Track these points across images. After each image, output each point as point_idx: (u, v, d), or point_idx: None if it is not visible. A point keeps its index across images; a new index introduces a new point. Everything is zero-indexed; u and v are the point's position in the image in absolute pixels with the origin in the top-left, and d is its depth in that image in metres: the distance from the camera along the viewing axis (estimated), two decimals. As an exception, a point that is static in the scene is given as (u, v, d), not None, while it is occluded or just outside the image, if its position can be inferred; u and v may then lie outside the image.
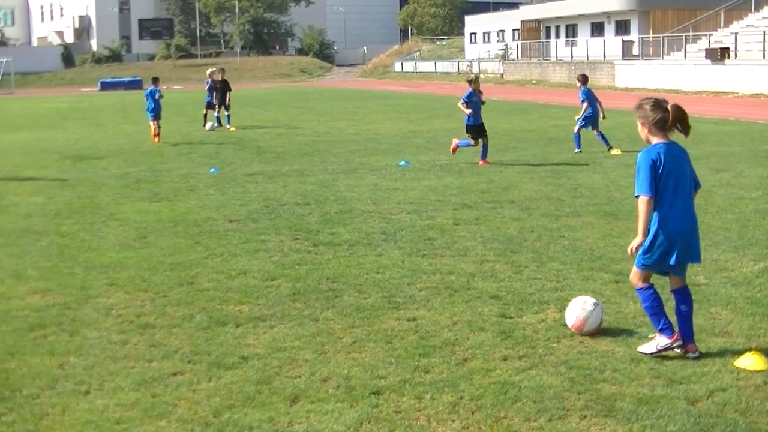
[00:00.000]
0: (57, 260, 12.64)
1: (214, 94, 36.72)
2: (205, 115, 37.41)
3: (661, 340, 8.27)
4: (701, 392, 7.42)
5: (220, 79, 36.42)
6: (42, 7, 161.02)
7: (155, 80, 33.64)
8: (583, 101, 24.99)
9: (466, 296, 10.40)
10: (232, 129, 35.62)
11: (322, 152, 26.76)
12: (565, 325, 9.16)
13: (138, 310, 10.06)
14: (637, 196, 8.21)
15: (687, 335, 8.27)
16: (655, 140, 8.24)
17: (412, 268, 11.79)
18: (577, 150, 24.91)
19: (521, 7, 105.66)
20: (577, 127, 25.30)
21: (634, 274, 8.42)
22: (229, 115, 36.07)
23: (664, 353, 8.21)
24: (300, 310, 9.97)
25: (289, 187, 19.37)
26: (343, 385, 7.68)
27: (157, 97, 32.28)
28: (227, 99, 36.31)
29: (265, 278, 11.41)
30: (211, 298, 10.49)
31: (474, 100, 23.34)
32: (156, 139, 31.48)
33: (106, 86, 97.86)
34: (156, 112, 31.99)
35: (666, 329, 8.24)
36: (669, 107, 8.20)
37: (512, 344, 8.67)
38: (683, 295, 8.36)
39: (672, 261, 8.18)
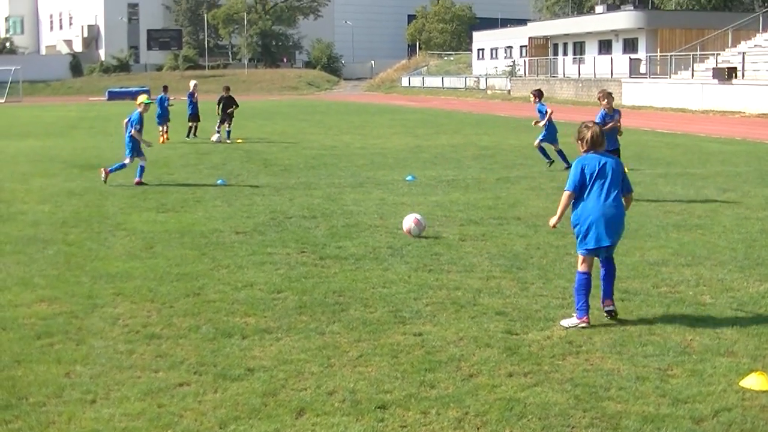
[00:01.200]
0: (64, 269, 12.66)
1: (217, 108, 36.24)
2: (190, 127, 37.58)
3: (574, 320, 9.92)
4: (706, 412, 7.43)
5: (226, 95, 36.35)
6: (51, 16, 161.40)
7: (165, 88, 37.40)
8: (542, 115, 25.24)
9: (472, 312, 10.41)
10: (240, 141, 35.66)
11: (329, 166, 26.78)
12: (570, 342, 9.19)
13: (144, 320, 10.08)
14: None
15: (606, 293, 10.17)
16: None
17: (419, 283, 11.80)
18: (547, 161, 25.25)
19: (529, 24, 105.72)
20: (537, 141, 25.63)
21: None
22: (229, 131, 35.95)
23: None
24: (306, 323, 9.99)
25: (296, 200, 19.38)
26: (349, 398, 7.69)
27: (166, 104, 35.65)
28: (232, 114, 36.18)
29: (271, 291, 11.42)
30: (218, 310, 10.51)
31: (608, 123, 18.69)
32: (161, 140, 34.92)
33: (113, 96, 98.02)
34: (163, 118, 35.58)
35: (581, 310, 9.87)
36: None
37: (518, 361, 8.68)
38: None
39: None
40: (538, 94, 25.63)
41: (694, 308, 10.57)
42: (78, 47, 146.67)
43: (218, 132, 35.81)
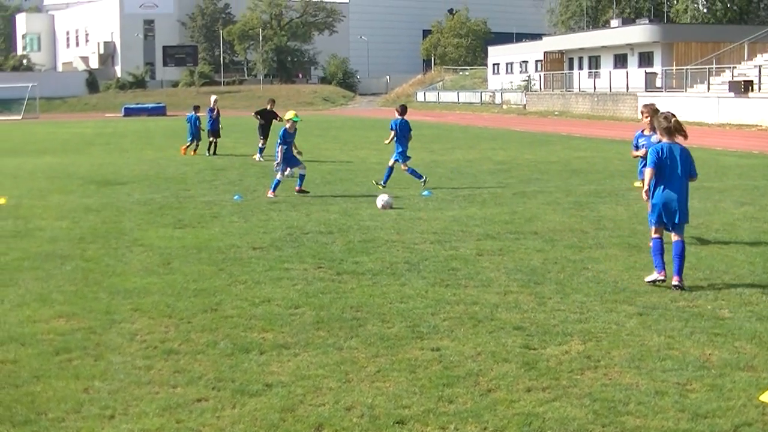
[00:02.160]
0: (82, 285, 12.68)
1: (262, 126, 35.83)
2: (210, 143, 37.67)
3: (655, 275, 12.34)
4: (726, 427, 7.38)
5: (269, 108, 36.15)
6: (68, 33, 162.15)
7: (196, 108, 39.26)
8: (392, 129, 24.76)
9: (490, 327, 10.39)
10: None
11: (345, 181, 26.80)
12: (588, 356, 9.16)
13: (162, 336, 10.08)
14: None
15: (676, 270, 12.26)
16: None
17: (436, 298, 11.78)
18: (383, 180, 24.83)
19: (544, 38, 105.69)
20: (391, 161, 25.16)
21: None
22: (262, 149, 35.44)
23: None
24: (324, 338, 9.98)
25: (313, 215, 19.38)
26: (367, 414, 7.67)
27: (198, 124, 38.03)
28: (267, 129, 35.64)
29: (288, 306, 11.41)
30: (235, 325, 10.50)
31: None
32: (183, 151, 37.40)
33: (129, 112, 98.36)
34: (194, 136, 37.96)
35: (658, 266, 12.32)
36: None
37: (536, 375, 8.65)
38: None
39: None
40: (402, 110, 25.19)
41: (712, 322, 10.52)
42: (94, 64, 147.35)
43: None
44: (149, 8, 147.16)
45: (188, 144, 38.04)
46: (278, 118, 34.60)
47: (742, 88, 58.73)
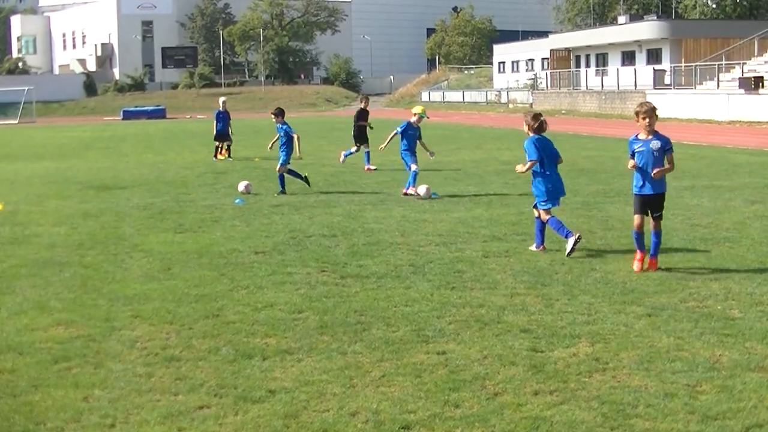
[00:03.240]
0: (81, 291, 12.56)
1: (360, 128, 32.74)
2: (218, 147, 37.29)
3: (569, 242, 14.43)
4: (737, 428, 7.31)
5: (363, 107, 33.56)
6: (64, 35, 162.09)
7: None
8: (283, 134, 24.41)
9: (497, 330, 10.28)
10: (257, 159, 35.55)
11: (349, 183, 26.72)
12: (597, 359, 9.06)
13: (163, 343, 9.97)
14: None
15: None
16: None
17: (442, 301, 11.67)
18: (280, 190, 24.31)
19: (551, 36, 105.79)
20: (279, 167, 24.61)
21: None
22: (368, 152, 32.13)
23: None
24: (328, 343, 9.87)
25: (316, 218, 19.27)
26: (372, 419, 7.57)
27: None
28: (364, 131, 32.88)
29: (291, 311, 11.30)
30: (237, 331, 10.39)
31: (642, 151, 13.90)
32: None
33: (128, 115, 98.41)
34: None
35: (568, 234, 14.53)
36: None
37: (543, 378, 8.55)
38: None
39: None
40: (279, 113, 24.78)
41: (722, 323, 10.41)
42: (92, 66, 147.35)
43: (356, 151, 32.56)
44: (147, 9, 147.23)
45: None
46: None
47: (752, 84, 58.55)
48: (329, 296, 12.04)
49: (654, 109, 13.57)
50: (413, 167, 23.20)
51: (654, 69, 76.10)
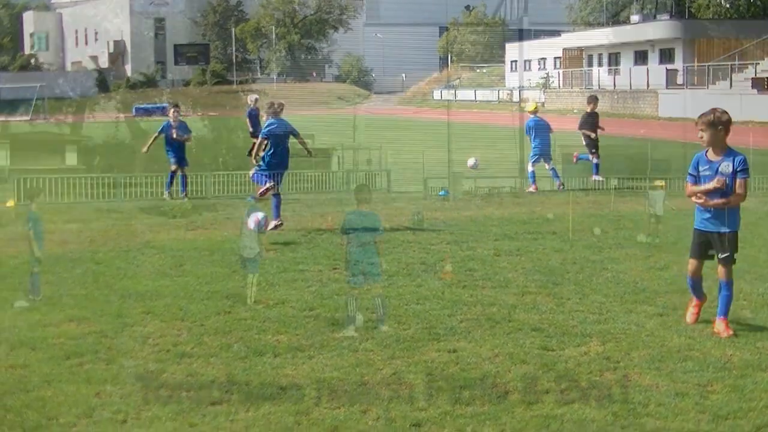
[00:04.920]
0: (93, 288, 12.57)
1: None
2: (252, 145, 36.95)
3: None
4: (748, 428, 7.33)
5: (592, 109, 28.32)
6: (77, 32, 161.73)
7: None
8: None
9: (508, 328, 10.27)
10: None
11: (361, 180, 26.66)
12: (608, 358, 9.06)
13: (175, 339, 9.98)
14: None
15: None
16: None
17: (453, 299, 11.66)
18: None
19: (563, 35, 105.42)
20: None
21: None
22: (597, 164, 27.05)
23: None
24: (339, 340, 9.87)
25: (328, 215, 19.26)
26: (383, 416, 7.59)
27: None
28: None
29: (303, 308, 11.30)
30: (249, 328, 10.39)
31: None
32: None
33: (140, 112, 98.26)
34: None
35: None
36: None
37: (554, 377, 8.55)
38: None
39: None
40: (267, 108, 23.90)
41: (734, 323, 10.37)
42: (104, 63, 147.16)
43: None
44: (160, 5, 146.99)
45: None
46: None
47: (766, 84, 58.28)
48: (341, 294, 12.00)
49: (717, 122, 11.04)
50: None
51: (666, 69, 75.75)
